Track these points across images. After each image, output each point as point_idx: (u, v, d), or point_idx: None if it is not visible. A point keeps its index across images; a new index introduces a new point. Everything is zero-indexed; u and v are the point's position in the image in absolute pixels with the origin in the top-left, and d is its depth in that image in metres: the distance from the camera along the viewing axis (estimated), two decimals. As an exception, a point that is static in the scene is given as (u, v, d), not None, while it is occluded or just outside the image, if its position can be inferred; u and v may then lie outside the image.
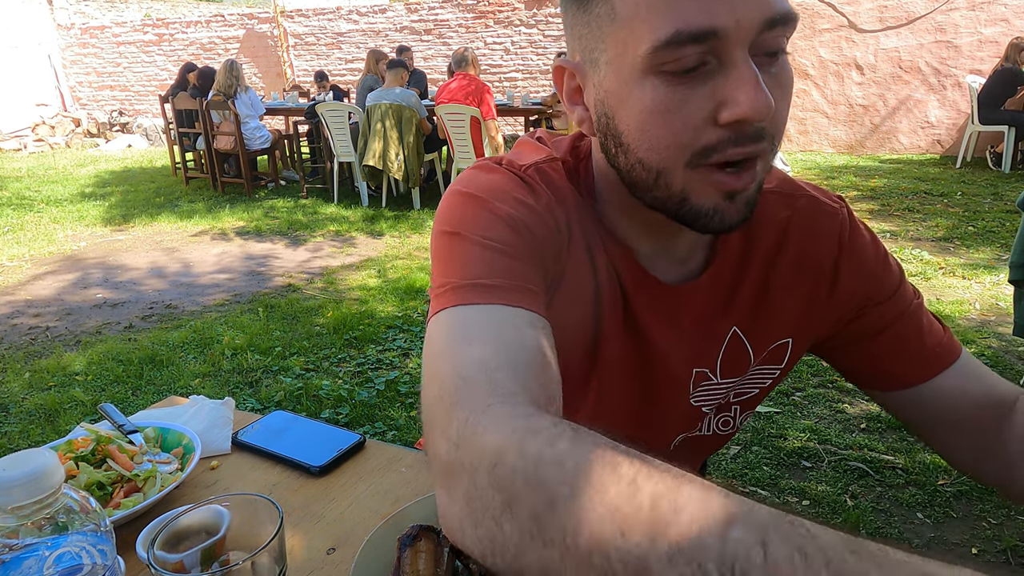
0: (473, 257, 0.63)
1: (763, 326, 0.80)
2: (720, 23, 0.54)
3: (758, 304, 0.79)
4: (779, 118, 0.60)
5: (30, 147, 11.25)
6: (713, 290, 0.78)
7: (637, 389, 0.80)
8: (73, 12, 12.92)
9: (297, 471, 0.90)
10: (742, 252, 0.78)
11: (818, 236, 0.78)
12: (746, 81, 0.55)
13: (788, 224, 0.78)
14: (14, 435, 2.69)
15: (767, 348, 0.81)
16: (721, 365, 0.80)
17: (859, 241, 0.79)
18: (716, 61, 0.56)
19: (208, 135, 7.09)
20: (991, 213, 5.46)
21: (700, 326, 0.78)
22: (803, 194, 0.79)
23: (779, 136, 0.62)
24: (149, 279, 4.69)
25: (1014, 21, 7.52)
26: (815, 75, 8.55)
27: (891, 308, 0.79)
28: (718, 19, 0.54)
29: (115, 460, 0.84)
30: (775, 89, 0.58)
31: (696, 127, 0.58)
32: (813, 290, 0.79)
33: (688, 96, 0.57)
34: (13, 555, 0.50)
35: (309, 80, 10.50)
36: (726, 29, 0.54)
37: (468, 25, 10.21)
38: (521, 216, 0.66)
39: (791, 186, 0.80)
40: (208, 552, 0.60)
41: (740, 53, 0.56)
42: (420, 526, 0.67)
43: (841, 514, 2.09)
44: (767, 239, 0.78)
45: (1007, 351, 3.12)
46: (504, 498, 0.43)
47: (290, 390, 2.99)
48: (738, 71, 0.56)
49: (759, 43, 0.57)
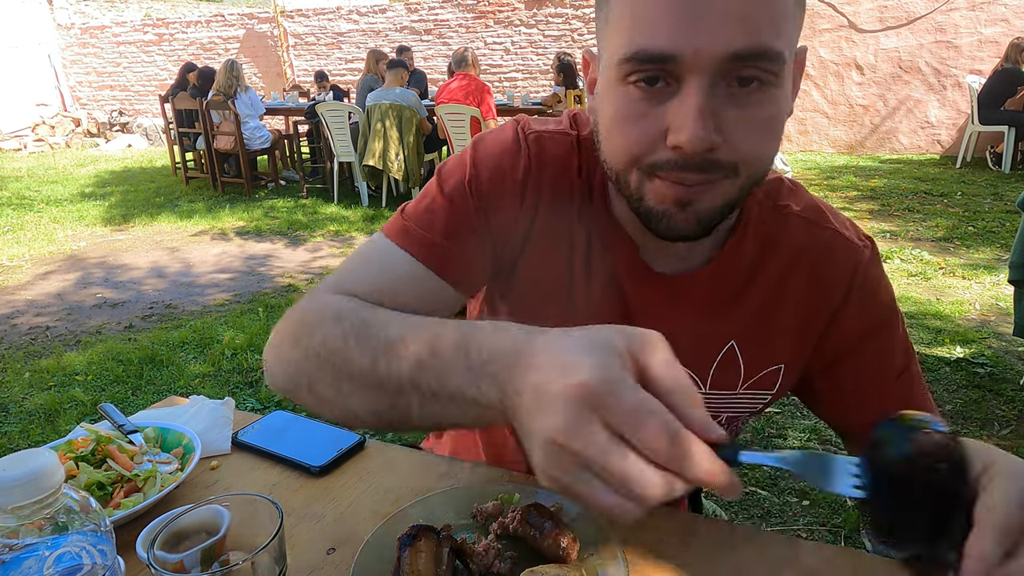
0: (425, 204, 0.76)
1: (761, 345, 0.79)
2: (678, 49, 0.55)
3: (762, 321, 0.79)
4: (742, 150, 0.60)
5: (30, 147, 11.25)
6: (713, 288, 0.77)
7: None
8: (73, 12, 12.92)
9: (297, 471, 0.90)
10: (752, 264, 0.78)
11: (832, 269, 0.78)
12: (689, 112, 0.57)
13: (805, 251, 0.78)
14: (14, 435, 2.69)
15: (761, 371, 0.81)
16: (713, 375, 0.80)
17: (874, 285, 0.79)
18: (675, 83, 0.58)
19: (208, 135, 7.09)
20: (991, 213, 5.46)
21: (694, 324, 0.78)
22: (828, 226, 0.79)
23: (747, 168, 0.62)
24: (149, 279, 4.69)
25: (1014, 21, 7.52)
26: (815, 75, 8.55)
27: (868, 362, 0.80)
28: (677, 44, 0.55)
29: (115, 460, 0.84)
30: (740, 122, 0.59)
31: (649, 143, 0.61)
32: (814, 320, 0.79)
33: (647, 112, 0.60)
34: (13, 555, 0.50)
35: (309, 80, 10.49)
36: (683, 55, 0.56)
37: (468, 25, 10.21)
38: (489, 185, 0.75)
39: (819, 215, 0.79)
40: (208, 552, 0.60)
41: (695, 81, 0.57)
42: (420, 526, 0.67)
43: (841, 514, 2.09)
44: (781, 259, 0.78)
45: (1007, 351, 3.13)
46: (297, 330, 0.67)
47: (290, 390, 2.98)
48: (686, 99, 0.57)
49: (725, 72, 0.57)
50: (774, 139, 0.63)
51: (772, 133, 0.62)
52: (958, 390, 2.80)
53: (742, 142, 0.60)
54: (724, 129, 0.59)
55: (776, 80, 0.59)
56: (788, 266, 0.78)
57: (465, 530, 0.74)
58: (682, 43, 0.55)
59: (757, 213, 0.78)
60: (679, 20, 0.55)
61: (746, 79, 0.58)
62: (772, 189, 0.80)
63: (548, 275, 0.79)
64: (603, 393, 0.41)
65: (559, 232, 0.77)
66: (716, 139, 0.58)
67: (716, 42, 0.55)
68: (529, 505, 0.73)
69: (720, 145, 0.59)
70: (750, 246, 0.77)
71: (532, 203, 0.76)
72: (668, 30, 0.56)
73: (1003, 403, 2.69)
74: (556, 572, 0.63)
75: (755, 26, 0.55)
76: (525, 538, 0.70)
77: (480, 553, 0.69)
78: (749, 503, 2.15)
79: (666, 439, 0.41)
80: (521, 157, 0.76)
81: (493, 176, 0.75)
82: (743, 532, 0.75)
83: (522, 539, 0.71)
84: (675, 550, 0.72)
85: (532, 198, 0.76)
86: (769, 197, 0.79)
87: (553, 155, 0.76)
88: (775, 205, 0.79)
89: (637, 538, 0.73)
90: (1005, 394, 2.75)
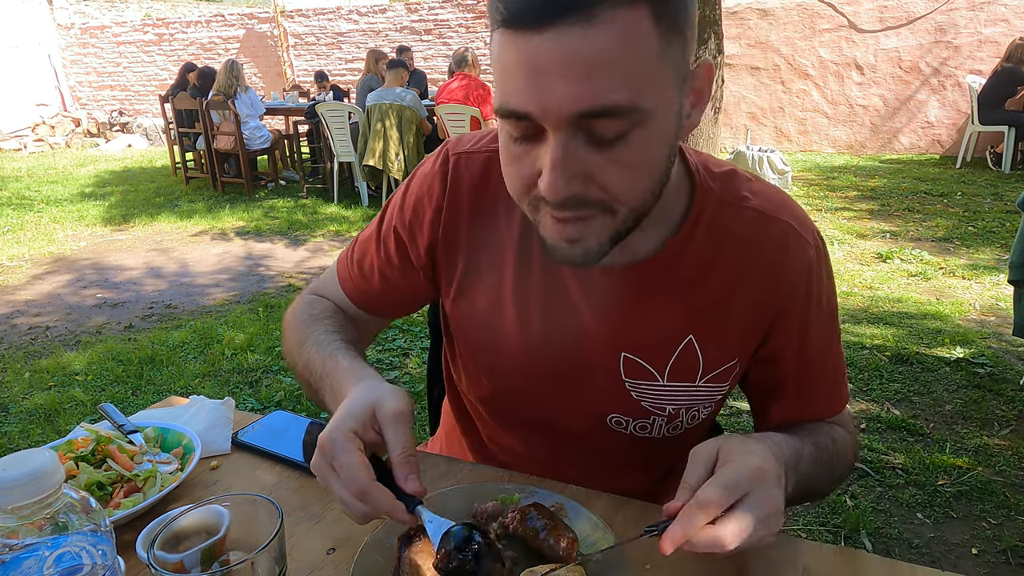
0: (365, 235, 0.94)
1: (720, 339, 0.80)
2: (528, 108, 0.59)
3: (719, 315, 0.79)
4: (612, 191, 0.63)
5: (30, 147, 11.25)
6: (665, 280, 0.78)
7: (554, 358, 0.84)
8: (73, 12, 12.92)
9: (297, 471, 0.90)
10: (707, 258, 0.78)
11: (784, 265, 0.78)
12: (546, 164, 0.61)
13: (757, 244, 0.78)
14: (14, 435, 2.69)
15: (720, 366, 0.81)
16: (671, 368, 0.81)
17: (819, 289, 0.81)
18: (542, 133, 0.61)
19: (208, 135, 7.09)
20: (991, 213, 5.46)
21: (648, 317, 0.79)
22: (781, 219, 0.79)
23: (625, 203, 0.64)
24: (149, 279, 4.69)
25: (1014, 21, 7.52)
26: (815, 75, 8.55)
27: (801, 364, 0.82)
28: (528, 105, 0.59)
29: (115, 460, 0.84)
30: (605, 166, 0.61)
31: (526, 183, 0.65)
32: (762, 315, 0.80)
33: (523, 155, 0.64)
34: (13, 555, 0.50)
35: (309, 80, 10.49)
36: (535, 114, 0.59)
37: (468, 25, 10.21)
38: (412, 216, 0.87)
39: (773, 207, 0.79)
40: (208, 552, 0.60)
41: (553, 135, 0.60)
42: (420, 526, 0.67)
43: (841, 514, 2.09)
44: (735, 252, 0.78)
45: (1007, 351, 3.13)
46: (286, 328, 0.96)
47: (290, 390, 2.99)
48: (545, 152, 0.61)
49: (583, 126, 0.59)
50: (648, 174, 0.64)
51: (645, 169, 0.64)
52: (958, 390, 2.80)
53: (612, 183, 0.62)
54: (590, 174, 0.61)
55: (639, 124, 0.60)
56: (742, 259, 0.78)
57: (465, 530, 0.74)
58: (530, 102, 0.58)
59: (710, 206, 0.78)
60: (526, 80, 0.58)
61: (604, 133, 0.60)
62: (727, 181, 0.80)
63: (491, 283, 0.84)
64: (327, 448, 0.65)
65: (490, 243, 0.83)
66: (577, 187, 0.61)
67: (560, 102, 0.57)
68: (529, 505, 0.73)
69: (586, 189, 0.62)
70: (702, 239, 0.77)
71: (454, 223, 0.84)
72: (519, 89, 0.59)
73: (1003, 403, 2.69)
74: (556, 572, 0.64)
75: (601, 84, 0.56)
76: (525, 538, 0.70)
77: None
78: (749, 503, 2.15)
79: (356, 489, 0.62)
80: (438, 182, 0.84)
81: (416, 207, 0.86)
82: (743, 532, 0.75)
83: (522, 539, 0.71)
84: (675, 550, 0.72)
85: (452, 218, 0.84)
86: (724, 189, 0.79)
87: (471, 174, 0.83)
88: (730, 197, 0.79)
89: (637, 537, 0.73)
90: (1005, 394, 2.75)
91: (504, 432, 0.96)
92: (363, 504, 0.62)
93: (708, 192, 0.78)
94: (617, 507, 0.80)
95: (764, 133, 8.97)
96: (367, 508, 0.63)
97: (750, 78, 8.82)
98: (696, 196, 0.77)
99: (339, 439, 0.64)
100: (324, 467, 0.65)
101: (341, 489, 0.63)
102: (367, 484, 0.62)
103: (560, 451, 0.92)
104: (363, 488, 0.62)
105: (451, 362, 0.99)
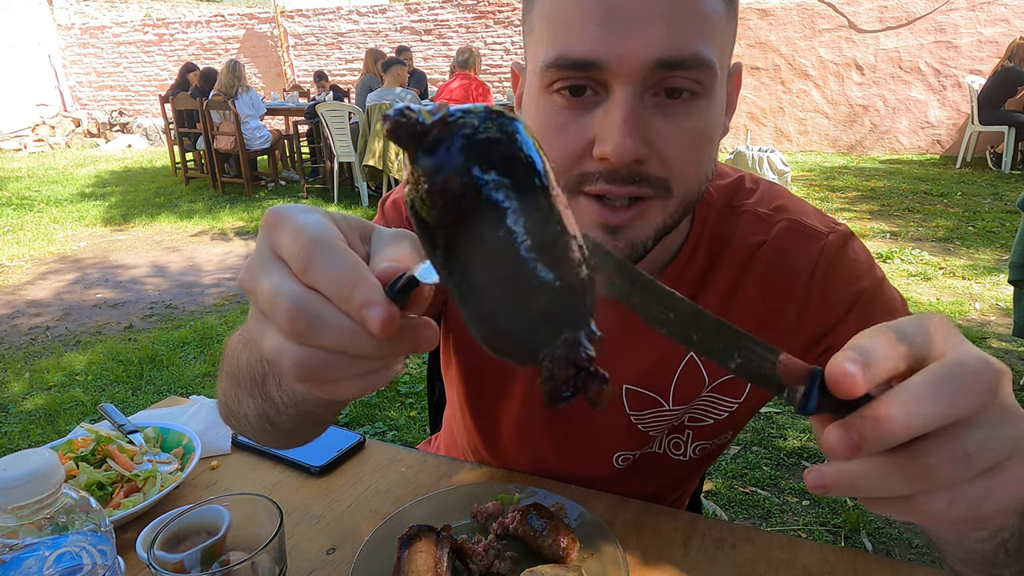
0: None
1: None
2: (600, 55, 0.54)
3: None
4: (672, 164, 0.58)
5: (30, 147, 11.24)
6: None
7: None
8: (73, 12, 12.92)
9: (297, 471, 0.90)
10: (702, 271, 0.75)
11: (790, 262, 0.73)
12: (614, 121, 0.55)
13: (757, 248, 0.74)
14: (14, 435, 2.69)
15: (725, 375, 0.78)
16: (675, 391, 0.78)
17: (843, 270, 0.73)
18: (603, 91, 0.56)
19: (208, 135, 7.09)
20: (991, 213, 5.45)
21: (648, 344, 0.76)
22: (783, 218, 0.75)
23: (679, 186, 0.59)
24: (149, 279, 4.69)
25: (1014, 21, 7.52)
26: (815, 75, 8.55)
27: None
28: (599, 51, 0.54)
29: (115, 460, 0.84)
30: (669, 134, 0.56)
31: (574, 154, 0.58)
32: (780, 317, 0.75)
33: (571, 122, 0.58)
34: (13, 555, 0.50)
35: (309, 80, 10.50)
36: (606, 61, 0.54)
37: (468, 25, 10.21)
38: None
39: (774, 209, 0.75)
40: (208, 552, 0.60)
41: (621, 89, 0.55)
42: (420, 526, 0.67)
43: (841, 514, 2.08)
44: (732, 260, 0.74)
45: (1007, 351, 3.13)
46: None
47: (290, 390, 2.98)
48: (612, 108, 0.55)
49: (653, 82, 0.55)
50: (706, 154, 0.60)
51: (704, 147, 0.59)
52: (958, 390, 2.80)
53: (672, 155, 0.57)
54: (653, 141, 0.57)
55: (707, 91, 0.57)
56: (740, 266, 0.75)
57: (465, 530, 0.74)
58: (604, 49, 0.54)
59: (710, 219, 0.75)
60: (601, 25, 0.53)
61: (675, 90, 0.56)
62: (728, 190, 0.77)
63: None
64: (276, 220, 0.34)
65: None
66: (643, 150, 0.56)
67: (640, 48, 0.53)
68: (529, 505, 0.73)
69: (648, 157, 0.57)
70: (702, 255, 0.74)
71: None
72: (590, 35, 0.54)
73: (1003, 403, 2.69)
74: (556, 572, 0.64)
75: (682, 32, 0.53)
76: (525, 538, 0.70)
77: (480, 553, 0.69)
78: (749, 503, 2.15)
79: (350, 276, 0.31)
80: (404, 212, 0.78)
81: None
82: (743, 532, 0.75)
83: (522, 539, 0.71)
84: (675, 550, 0.72)
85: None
86: (724, 198, 0.76)
87: None
88: (729, 206, 0.76)
89: (637, 538, 0.73)
90: (1005, 394, 2.75)
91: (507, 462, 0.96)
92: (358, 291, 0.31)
93: (708, 207, 0.76)
94: (617, 507, 0.80)
95: (764, 133, 8.97)
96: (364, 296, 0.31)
97: (750, 78, 8.82)
98: (696, 216, 0.75)
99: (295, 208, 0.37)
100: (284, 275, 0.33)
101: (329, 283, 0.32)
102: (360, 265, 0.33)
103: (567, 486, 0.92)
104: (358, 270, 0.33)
105: (445, 377, 0.97)
